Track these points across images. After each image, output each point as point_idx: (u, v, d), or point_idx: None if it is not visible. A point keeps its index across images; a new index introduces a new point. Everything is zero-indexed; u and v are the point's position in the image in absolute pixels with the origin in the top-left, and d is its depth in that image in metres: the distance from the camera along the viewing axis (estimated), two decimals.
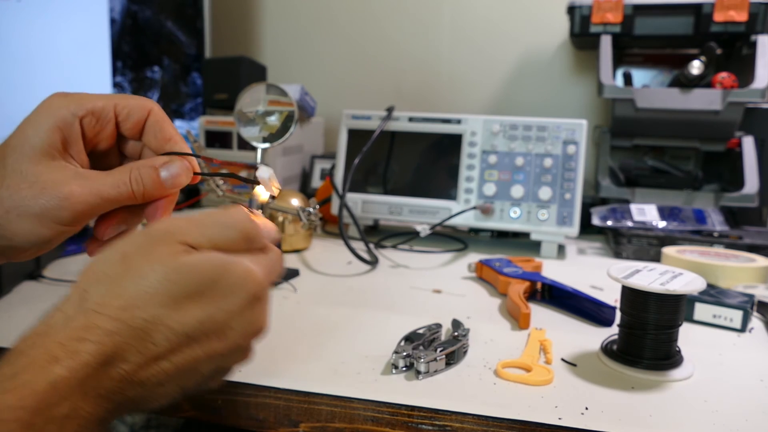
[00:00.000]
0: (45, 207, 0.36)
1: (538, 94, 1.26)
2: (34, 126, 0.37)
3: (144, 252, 0.31)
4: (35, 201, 0.36)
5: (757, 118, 0.99)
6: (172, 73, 1.29)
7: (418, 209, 0.91)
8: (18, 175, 0.36)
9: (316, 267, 0.77)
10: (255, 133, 0.68)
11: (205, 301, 0.31)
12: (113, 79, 1.32)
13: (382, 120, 0.94)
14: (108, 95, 0.41)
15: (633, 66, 1.15)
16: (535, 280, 0.66)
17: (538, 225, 0.86)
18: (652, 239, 0.85)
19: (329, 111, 1.33)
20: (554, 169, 0.86)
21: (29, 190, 0.36)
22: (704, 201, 0.95)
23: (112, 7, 1.30)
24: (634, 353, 0.48)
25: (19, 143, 0.37)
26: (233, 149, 1.14)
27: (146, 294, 0.30)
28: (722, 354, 0.52)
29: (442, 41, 1.31)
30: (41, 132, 0.37)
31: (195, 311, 0.31)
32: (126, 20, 1.29)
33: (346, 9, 1.36)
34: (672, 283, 0.45)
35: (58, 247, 0.77)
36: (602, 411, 0.41)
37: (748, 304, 0.58)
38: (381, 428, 0.41)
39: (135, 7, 1.28)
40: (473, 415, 0.40)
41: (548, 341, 0.52)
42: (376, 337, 0.53)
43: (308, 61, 1.40)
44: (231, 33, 1.43)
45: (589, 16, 1.01)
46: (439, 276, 0.75)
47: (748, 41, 0.99)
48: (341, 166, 0.95)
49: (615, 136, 1.03)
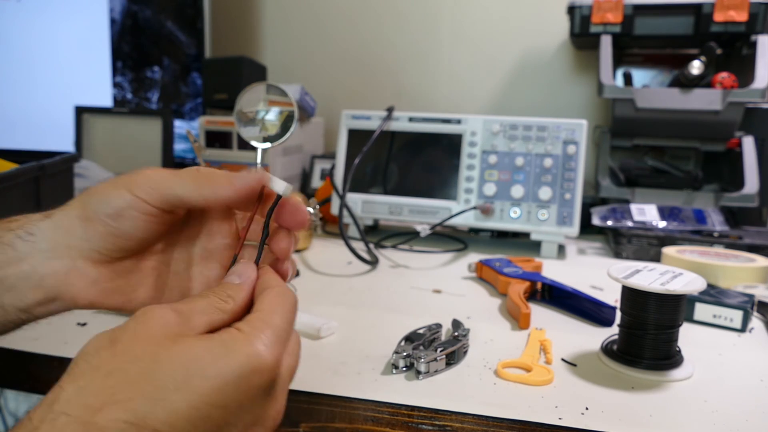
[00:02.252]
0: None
1: (538, 94, 1.26)
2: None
3: (134, 337, 0.27)
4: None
5: (757, 118, 0.99)
6: (172, 73, 1.29)
7: (418, 209, 0.91)
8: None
9: (316, 267, 0.77)
10: (255, 133, 0.68)
11: (198, 397, 0.26)
12: (113, 79, 1.32)
13: (382, 120, 0.94)
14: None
15: (633, 66, 1.15)
16: (535, 280, 0.66)
17: (538, 225, 0.86)
18: (652, 239, 0.85)
19: (329, 111, 1.33)
20: (554, 169, 0.86)
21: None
22: (704, 201, 0.95)
23: (112, 7, 1.30)
24: (634, 353, 0.48)
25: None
26: (233, 149, 1.14)
27: (129, 387, 0.25)
28: (722, 354, 0.52)
29: (442, 41, 1.31)
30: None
31: (186, 410, 0.25)
32: (126, 20, 1.29)
33: (346, 9, 1.36)
34: (672, 283, 0.45)
35: None
36: (602, 411, 0.41)
37: (748, 304, 0.58)
38: (381, 428, 0.41)
39: (135, 7, 1.28)
40: (473, 415, 0.40)
41: (548, 341, 0.52)
42: (376, 337, 0.53)
43: (308, 61, 1.40)
44: (231, 33, 1.43)
45: (589, 16, 1.01)
46: (439, 276, 0.75)
47: (748, 41, 0.99)
48: (341, 166, 0.95)
49: (615, 136, 1.03)
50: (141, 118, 1.18)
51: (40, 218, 0.36)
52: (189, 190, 0.34)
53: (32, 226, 0.35)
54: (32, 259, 0.35)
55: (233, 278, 0.33)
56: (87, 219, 0.34)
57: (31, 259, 0.35)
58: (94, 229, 0.34)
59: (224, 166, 1.14)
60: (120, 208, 0.34)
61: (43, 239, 0.35)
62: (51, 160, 0.69)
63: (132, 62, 1.30)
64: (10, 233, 0.35)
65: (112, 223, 0.34)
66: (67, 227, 0.35)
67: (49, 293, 0.35)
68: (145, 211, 0.34)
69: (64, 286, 0.35)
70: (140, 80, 1.31)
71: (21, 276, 0.35)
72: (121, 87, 1.32)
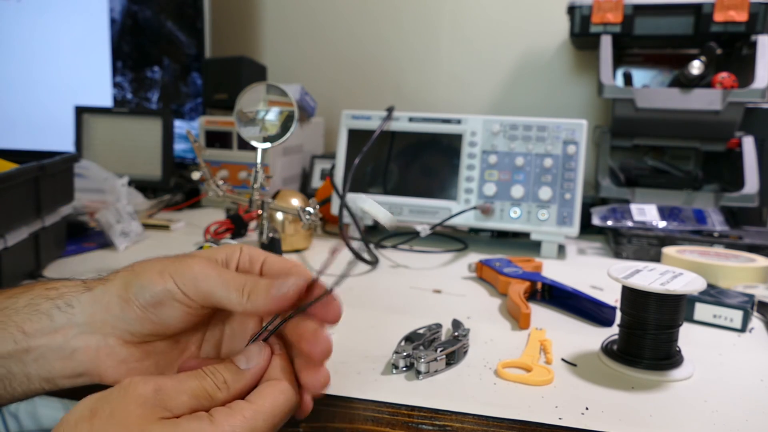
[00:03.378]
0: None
1: (538, 94, 1.26)
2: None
3: (110, 414, 0.28)
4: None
5: (757, 118, 0.99)
6: (172, 73, 1.29)
7: (418, 209, 0.91)
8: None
9: (317, 267, 0.77)
10: (255, 133, 0.68)
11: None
12: (113, 79, 1.32)
13: (382, 120, 0.94)
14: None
15: (633, 66, 1.15)
16: (535, 280, 0.66)
17: (538, 225, 0.86)
18: (652, 239, 0.85)
19: (329, 111, 1.33)
20: (554, 169, 0.86)
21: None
22: (704, 201, 0.95)
23: (112, 7, 1.30)
24: (634, 353, 0.48)
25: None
26: (233, 149, 1.14)
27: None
28: (722, 354, 0.52)
29: (442, 41, 1.31)
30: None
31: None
32: (126, 20, 1.29)
33: (346, 9, 1.36)
34: (672, 283, 0.45)
35: (58, 247, 0.77)
36: (602, 411, 0.41)
37: (748, 304, 0.58)
38: (381, 428, 0.41)
39: (135, 7, 1.28)
40: (473, 415, 0.40)
41: (548, 341, 0.52)
42: (376, 337, 0.53)
43: (308, 61, 1.40)
44: (231, 33, 1.43)
45: (589, 16, 1.01)
46: (439, 276, 0.75)
47: (748, 41, 0.99)
48: (341, 166, 0.95)
49: (615, 136, 1.03)
50: (141, 118, 1.18)
51: (81, 290, 0.36)
52: (231, 302, 0.34)
53: (73, 297, 0.35)
54: (67, 332, 0.34)
55: (241, 361, 0.33)
56: (126, 301, 0.34)
57: (65, 332, 0.34)
58: (131, 311, 0.34)
59: (224, 166, 1.14)
60: (160, 297, 0.34)
61: (82, 313, 0.35)
62: (51, 160, 0.69)
63: (132, 62, 1.30)
64: (49, 302, 0.35)
65: (151, 310, 0.34)
66: (106, 304, 0.35)
67: (78, 367, 0.35)
68: (185, 304, 0.34)
69: (93, 362, 0.35)
70: (140, 80, 1.31)
71: (52, 347, 0.34)
72: (121, 87, 1.32)
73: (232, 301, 0.34)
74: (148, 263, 0.35)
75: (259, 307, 0.34)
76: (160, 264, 0.35)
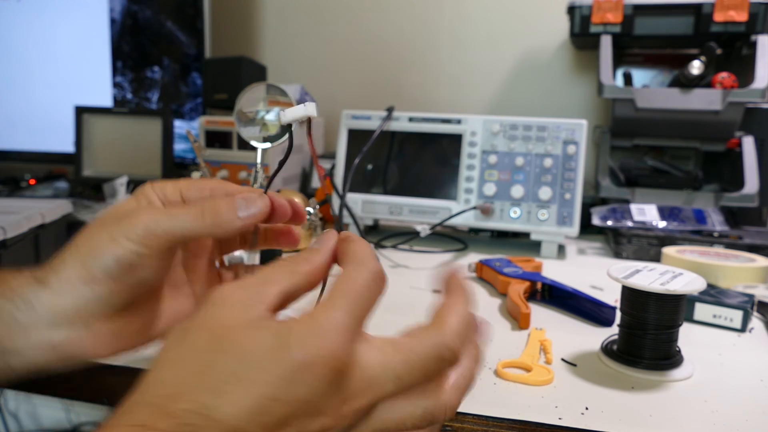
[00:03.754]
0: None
1: (538, 94, 1.26)
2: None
3: (201, 326, 0.26)
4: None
5: (757, 118, 0.99)
6: (172, 73, 1.29)
7: (418, 209, 0.91)
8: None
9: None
10: (255, 133, 0.68)
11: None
12: (113, 79, 1.32)
13: (382, 120, 0.94)
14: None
15: (633, 66, 1.15)
16: (535, 280, 0.66)
17: (538, 225, 0.86)
18: (652, 239, 0.85)
19: (329, 111, 1.33)
20: (554, 169, 0.86)
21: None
22: (704, 201, 0.95)
23: (112, 7, 1.30)
24: (634, 353, 0.48)
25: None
26: (233, 149, 1.14)
27: (195, 379, 0.25)
28: (722, 354, 0.52)
29: (442, 41, 1.31)
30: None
31: (248, 404, 0.24)
32: (126, 20, 1.29)
33: (346, 9, 1.36)
34: (672, 283, 0.45)
35: (57, 246, 0.77)
36: (602, 411, 0.41)
37: (748, 304, 0.58)
38: None
39: (135, 7, 1.28)
40: (473, 415, 0.40)
41: (548, 341, 0.52)
42: None
43: (308, 61, 1.40)
44: (231, 33, 1.43)
45: (589, 16, 1.01)
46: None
47: (748, 41, 0.99)
48: (341, 166, 0.95)
49: (615, 136, 1.03)
50: (141, 118, 1.18)
51: (37, 287, 0.33)
52: (196, 230, 0.33)
53: (29, 294, 0.33)
54: (38, 330, 0.33)
55: (313, 244, 0.32)
56: (93, 280, 0.32)
57: (36, 330, 0.33)
58: (104, 287, 0.33)
59: (224, 166, 1.14)
60: (128, 261, 0.32)
61: (46, 311, 0.33)
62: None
63: (132, 62, 1.30)
64: (9, 304, 0.33)
65: (124, 278, 0.33)
66: (72, 293, 0.33)
67: (64, 355, 0.33)
68: (153, 255, 0.33)
69: (79, 349, 0.33)
70: (140, 80, 1.31)
71: (29, 346, 0.33)
72: (121, 87, 1.32)
73: (196, 230, 0.33)
74: (90, 236, 0.34)
75: (227, 229, 0.34)
76: (104, 231, 0.33)
